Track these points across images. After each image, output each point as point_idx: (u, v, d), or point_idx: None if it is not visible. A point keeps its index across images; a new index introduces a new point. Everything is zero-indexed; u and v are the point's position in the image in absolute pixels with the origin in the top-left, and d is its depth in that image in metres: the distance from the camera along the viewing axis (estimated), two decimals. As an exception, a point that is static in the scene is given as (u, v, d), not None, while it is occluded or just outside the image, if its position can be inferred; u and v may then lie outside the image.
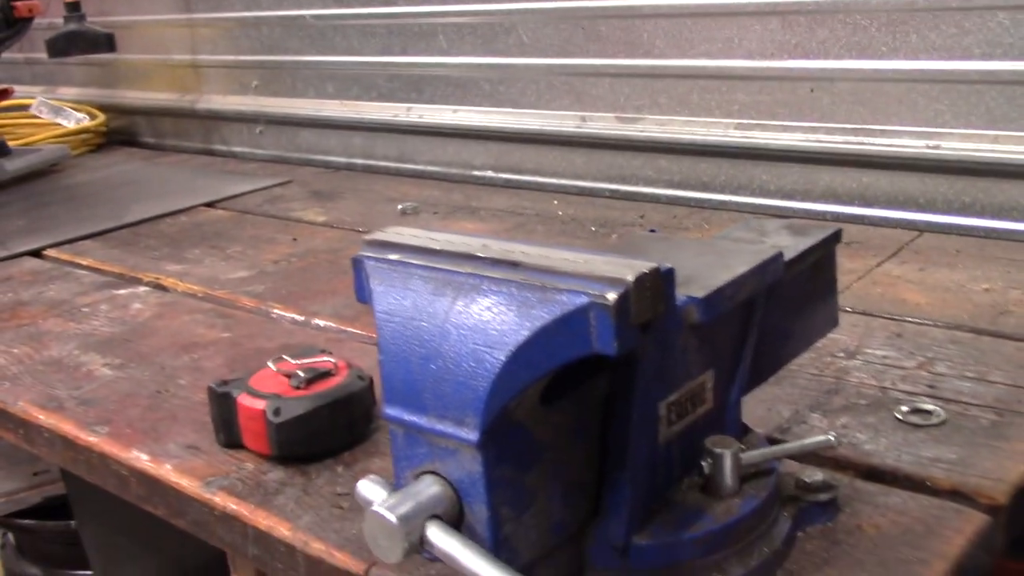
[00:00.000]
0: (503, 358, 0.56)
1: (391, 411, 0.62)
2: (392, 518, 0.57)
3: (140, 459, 0.91)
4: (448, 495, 0.59)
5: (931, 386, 0.92)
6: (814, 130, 1.46)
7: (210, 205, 1.84)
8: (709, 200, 1.59)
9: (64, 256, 1.58)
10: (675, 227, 1.48)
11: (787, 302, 0.79)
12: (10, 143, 2.23)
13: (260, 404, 0.86)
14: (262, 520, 0.80)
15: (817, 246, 0.81)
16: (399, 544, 0.57)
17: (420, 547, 0.58)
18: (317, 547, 0.75)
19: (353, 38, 2.03)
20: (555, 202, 1.68)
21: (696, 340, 0.68)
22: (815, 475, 0.73)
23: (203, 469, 0.88)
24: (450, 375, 0.58)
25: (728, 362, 0.72)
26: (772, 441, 0.81)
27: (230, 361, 1.10)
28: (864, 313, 1.09)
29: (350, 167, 2.10)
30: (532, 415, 0.60)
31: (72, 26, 2.16)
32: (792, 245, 0.79)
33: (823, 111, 1.45)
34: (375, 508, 0.58)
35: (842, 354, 0.99)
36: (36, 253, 1.61)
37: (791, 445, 0.71)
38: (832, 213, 1.45)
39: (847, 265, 1.21)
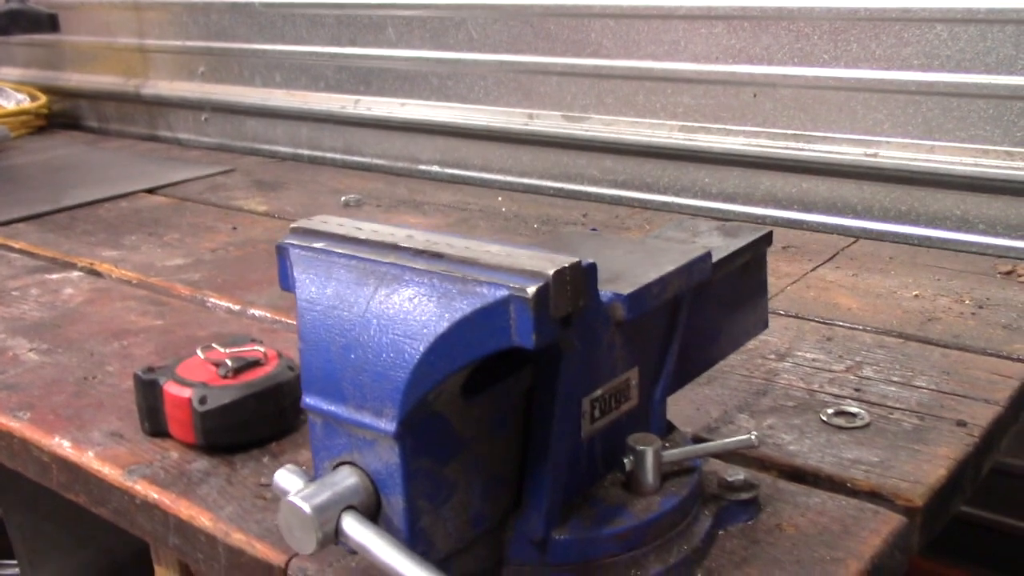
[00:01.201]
0: (422, 349, 0.56)
1: (310, 400, 0.61)
2: (306, 508, 0.56)
3: (62, 446, 0.89)
4: (365, 486, 0.59)
5: (857, 389, 0.93)
6: (756, 135, 1.47)
7: (150, 191, 1.82)
8: (652, 201, 1.59)
9: (-4, 238, 1.55)
10: (617, 226, 1.49)
11: (716, 302, 0.80)
12: (-53, 122, 2.18)
13: (186, 392, 0.85)
14: (183, 510, 0.79)
15: (747, 247, 0.81)
16: (313, 535, 0.57)
17: (335, 538, 0.58)
18: (238, 537, 0.74)
19: (302, 27, 2.01)
20: (500, 199, 1.68)
21: (622, 337, 0.68)
22: (737, 474, 0.74)
23: (126, 457, 0.86)
24: (369, 365, 0.58)
25: (654, 360, 0.72)
26: (698, 440, 0.82)
27: (161, 349, 1.09)
28: (797, 316, 1.11)
29: (296, 157, 2.08)
30: (452, 407, 0.59)
31: (14, 5, 2.11)
32: (722, 246, 0.80)
33: (765, 116, 1.46)
34: (290, 498, 0.57)
35: (773, 356, 1.00)
36: (-33, 235, 1.58)
37: (713, 444, 0.71)
38: (771, 217, 1.46)
39: (783, 268, 1.22)
